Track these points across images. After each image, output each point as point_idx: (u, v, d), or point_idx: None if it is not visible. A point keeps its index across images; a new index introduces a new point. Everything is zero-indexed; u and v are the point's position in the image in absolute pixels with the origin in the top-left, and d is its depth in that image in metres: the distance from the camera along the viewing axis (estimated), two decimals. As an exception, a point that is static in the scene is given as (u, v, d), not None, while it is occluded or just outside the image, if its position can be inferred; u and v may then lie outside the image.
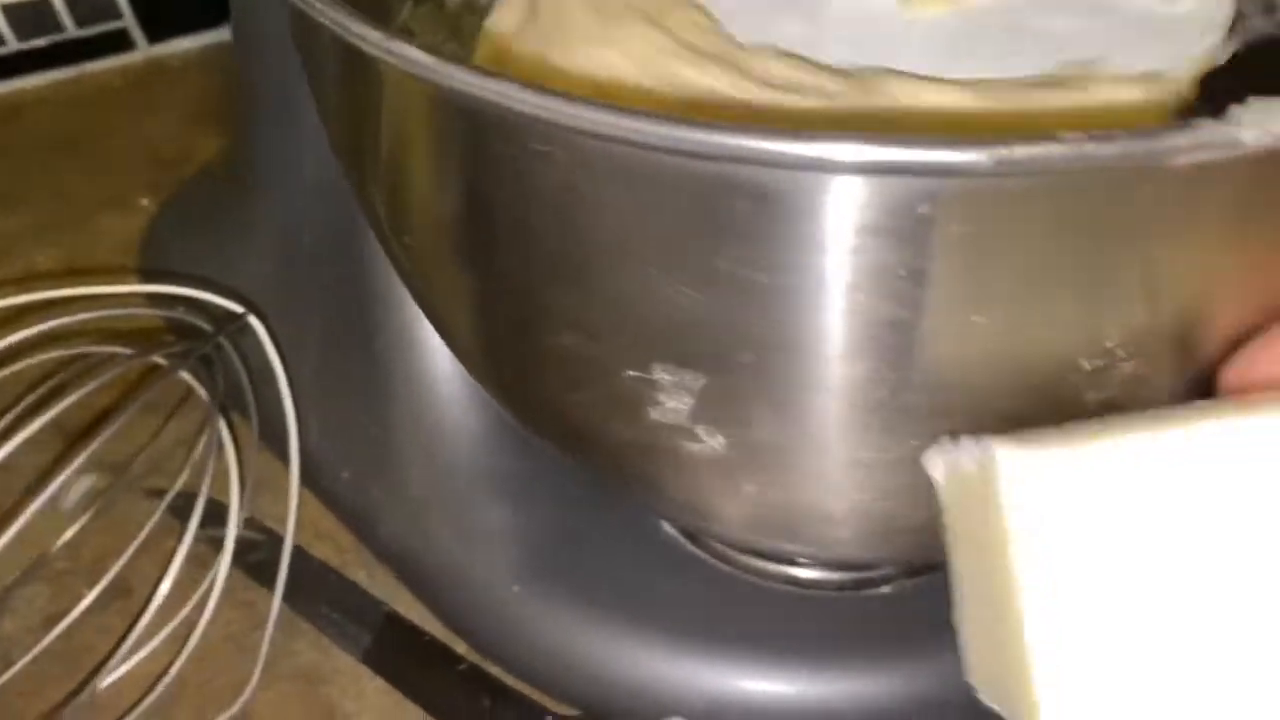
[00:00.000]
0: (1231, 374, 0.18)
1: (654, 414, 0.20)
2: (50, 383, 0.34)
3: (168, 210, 0.47)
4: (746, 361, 0.18)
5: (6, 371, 0.31)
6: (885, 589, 0.34)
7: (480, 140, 0.17)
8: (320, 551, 0.38)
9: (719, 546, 0.34)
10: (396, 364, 0.36)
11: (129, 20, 0.59)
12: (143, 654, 0.34)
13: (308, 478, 0.38)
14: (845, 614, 0.34)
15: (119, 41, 0.59)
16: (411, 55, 0.16)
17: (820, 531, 0.23)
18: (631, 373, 0.19)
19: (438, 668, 0.34)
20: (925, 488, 0.20)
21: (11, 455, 0.30)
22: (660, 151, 0.15)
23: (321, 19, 0.17)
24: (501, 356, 0.23)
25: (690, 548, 0.34)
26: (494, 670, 0.34)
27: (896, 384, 0.18)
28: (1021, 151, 0.14)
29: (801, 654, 0.32)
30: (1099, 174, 0.14)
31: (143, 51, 0.60)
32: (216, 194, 0.45)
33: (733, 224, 0.16)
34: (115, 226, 0.51)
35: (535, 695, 0.33)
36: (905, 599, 0.34)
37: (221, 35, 0.61)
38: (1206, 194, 0.15)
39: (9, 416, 0.32)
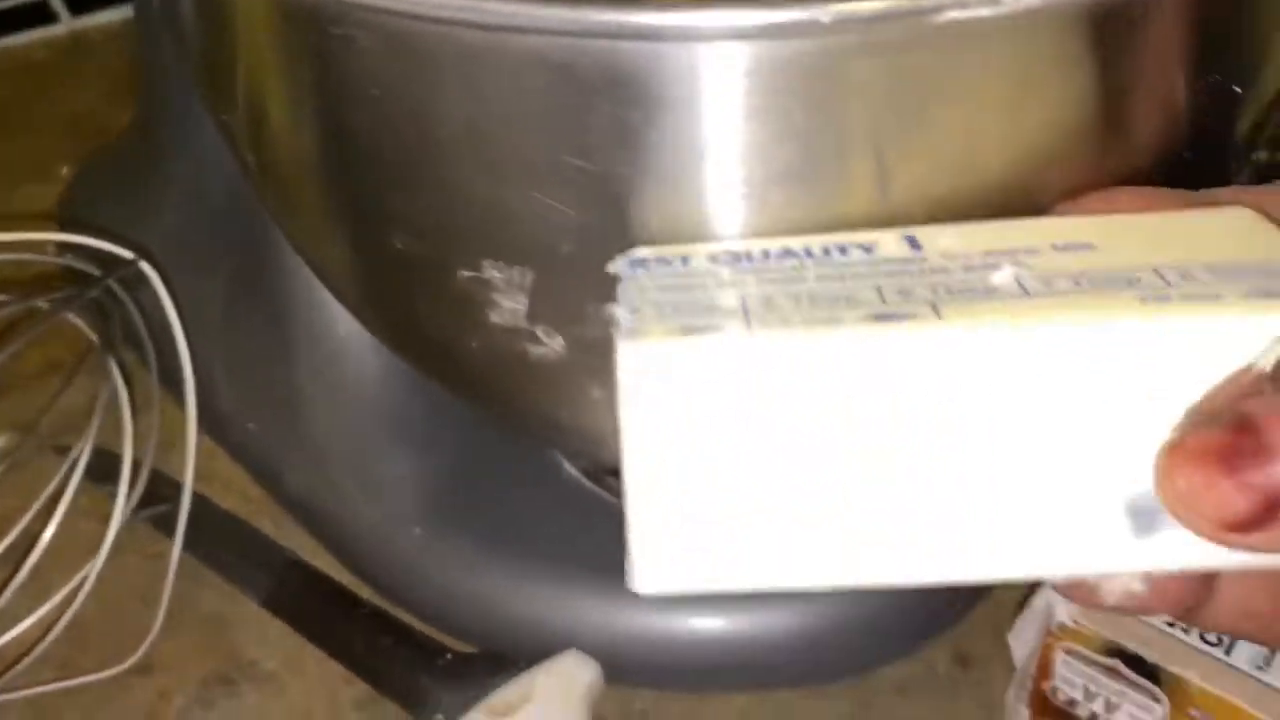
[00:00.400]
0: None
1: (494, 316, 0.20)
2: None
3: (82, 174, 0.47)
4: (569, 253, 0.18)
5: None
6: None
7: (293, 36, 0.18)
8: (228, 503, 0.38)
9: (617, 483, 0.34)
10: (298, 317, 0.36)
11: (52, -7, 0.59)
12: (47, 606, 0.34)
13: (216, 431, 0.39)
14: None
15: (42, 14, 0.59)
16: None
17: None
18: (465, 273, 0.19)
19: (340, 611, 0.34)
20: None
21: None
22: (454, 25, 0.15)
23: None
24: (358, 273, 0.23)
25: (590, 486, 0.34)
26: (396, 613, 0.34)
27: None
28: (786, 15, 0.14)
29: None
30: (874, 36, 0.15)
31: (66, 24, 0.59)
32: (129, 158, 0.45)
33: (540, 106, 0.17)
34: (36, 194, 0.50)
35: (436, 635, 0.34)
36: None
37: (146, 8, 0.61)
38: (975, 55, 0.15)
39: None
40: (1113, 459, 0.13)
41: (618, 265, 0.16)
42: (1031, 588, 0.27)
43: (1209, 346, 0.13)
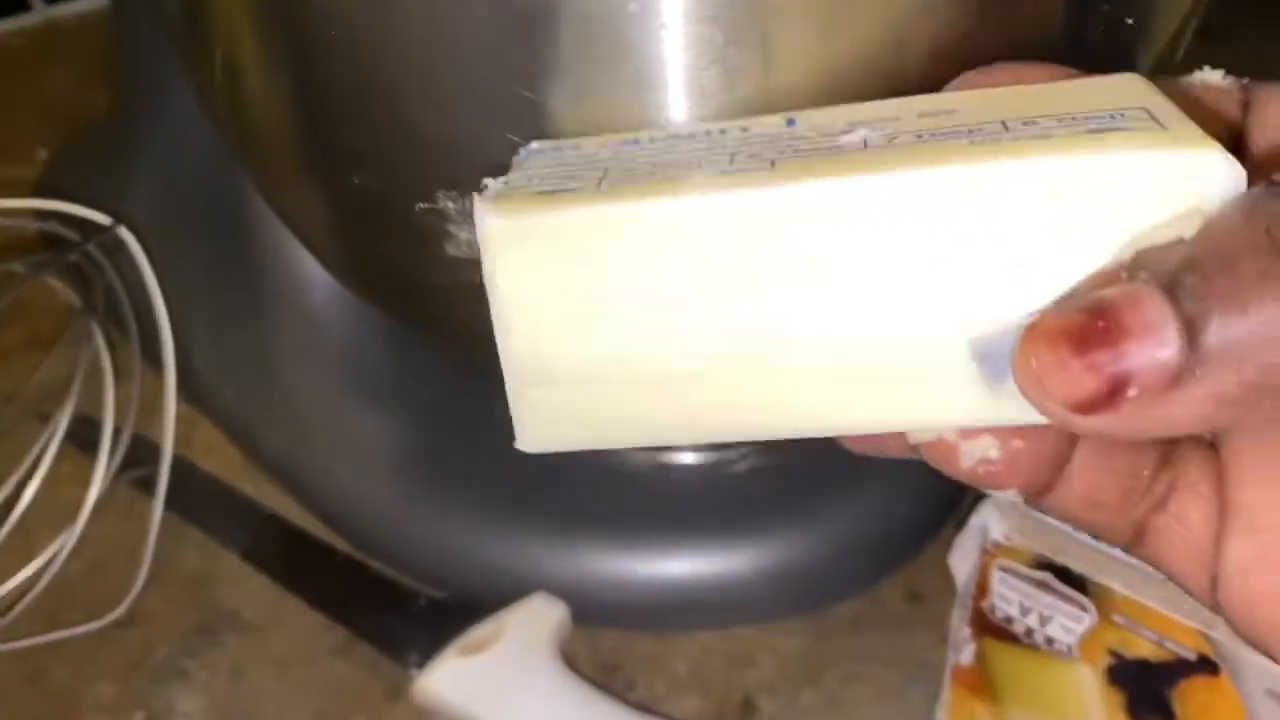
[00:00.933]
0: None
1: (450, 248, 0.21)
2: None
3: (60, 153, 0.48)
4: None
5: None
6: (741, 467, 0.36)
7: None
8: (210, 466, 0.39)
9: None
10: (271, 281, 0.37)
11: (26, -18, 0.60)
12: (32, 566, 0.36)
13: (195, 397, 0.40)
14: (704, 493, 0.35)
15: (16, 3, 0.60)
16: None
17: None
18: (421, 204, 0.21)
19: (317, 562, 0.35)
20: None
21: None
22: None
23: None
24: (326, 221, 0.25)
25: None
26: (372, 563, 0.36)
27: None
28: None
29: (661, 532, 0.34)
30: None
31: (40, 12, 0.60)
32: (107, 135, 0.46)
33: (488, 36, 0.18)
34: (12, 176, 0.51)
35: (411, 583, 0.35)
36: (760, 476, 0.35)
37: (119, -3, 0.62)
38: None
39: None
40: (953, 305, 0.13)
41: (518, 154, 0.16)
42: (969, 508, 0.29)
43: (1036, 186, 0.13)
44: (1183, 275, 0.12)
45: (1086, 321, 0.12)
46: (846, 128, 0.15)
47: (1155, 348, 0.12)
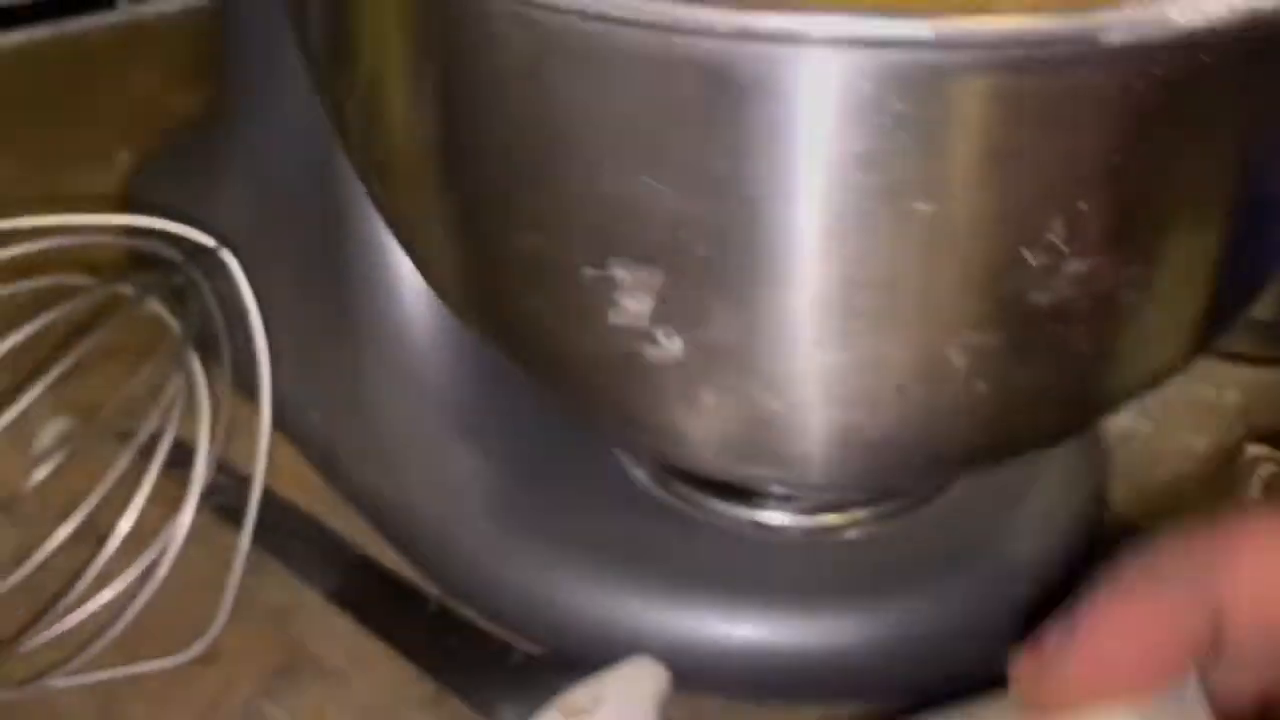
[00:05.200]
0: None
1: (613, 317, 0.20)
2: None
3: (147, 161, 0.48)
4: (704, 256, 0.18)
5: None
6: (851, 535, 0.34)
7: (445, 27, 0.17)
8: (291, 493, 0.38)
9: (685, 490, 0.34)
10: (368, 305, 0.36)
11: (111, -22, 0.59)
12: (109, 593, 0.34)
13: (278, 419, 0.38)
14: (811, 559, 0.34)
15: (100, 0, 0.59)
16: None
17: (783, 449, 0.23)
18: (590, 271, 0.19)
19: (406, 607, 0.34)
20: (888, 395, 0.20)
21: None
22: (613, 23, 0.15)
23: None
24: (470, 270, 0.23)
25: (657, 491, 0.34)
26: (463, 610, 0.34)
27: (846, 279, 0.18)
28: (961, 26, 0.14)
29: (766, 598, 0.33)
30: (1037, 52, 0.15)
31: (124, 10, 0.60)
32: (197, 142, 0.45)
33: (687, 109, 0.16)
34: (93, 180, 0.51)
35: (504, 634, 0.33)
36: (871, 545, 0.34)
37: (201, -4, 0.61)
38: (1141, 76, 0.15)
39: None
40: None
41: None
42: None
43: None
44: None
45: None
46: None
47: None
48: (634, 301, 0.19)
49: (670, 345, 0.20)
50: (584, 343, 0.21)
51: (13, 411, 0.28)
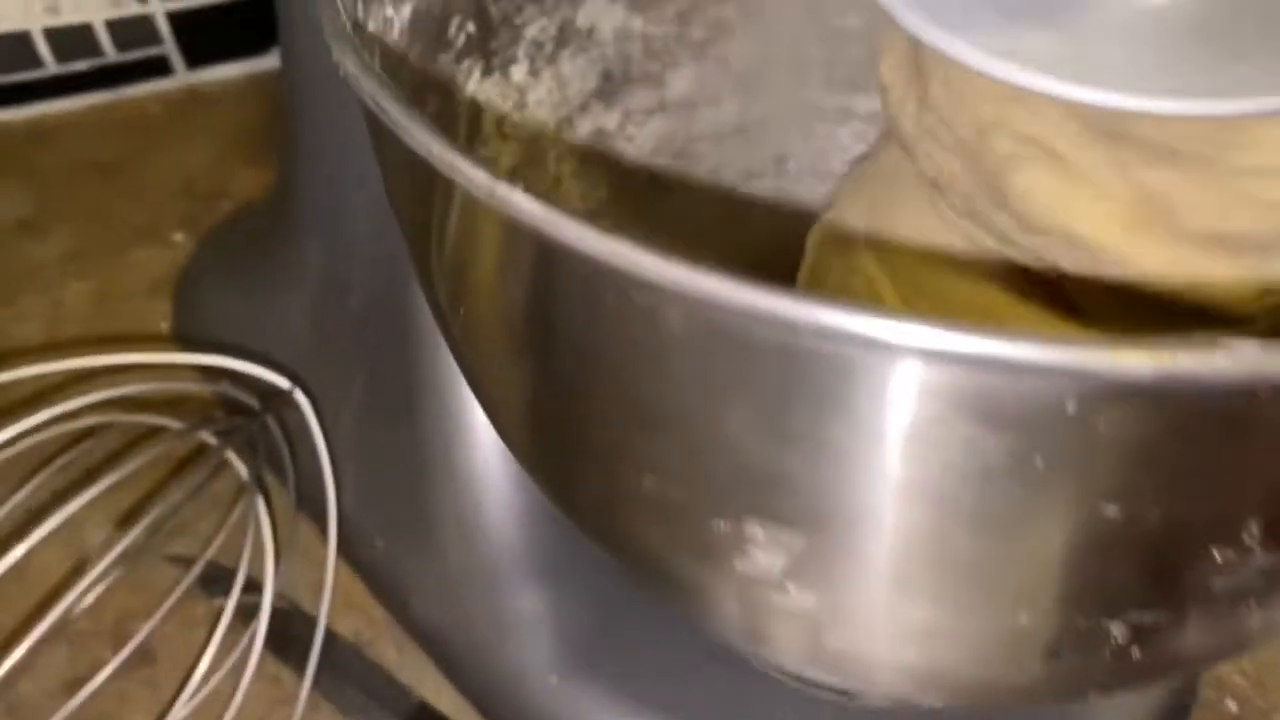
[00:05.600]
0: None
1: (740, 565, 0.19)
2: (83, 444, 0.33)
3: (204, 251, 0.46)
4: (845, 525, 0.17)
5: (44, 436, 0.29)
6: (934, 703, 0.32)
7: (572, 284, 0.16)
8: (350, 623, 0.36)
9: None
10: (438, 435, 0.35)
11: (169, 46, 0.58)
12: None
13: (343, 544, 0.37)
14: (895, 725, 0.32)
15: (158, 67, 0.58)
16: (523, 205, 0.14)
17: (889, 681, 0.22)
18: (722, 523, 0.18)
19: (468, 758, 0.33)
20: (1034, 662, 0.19)
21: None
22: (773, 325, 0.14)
23: (423, 152, 0.15)
24: (557, 459, 0.22)
25: (735, 649, 0.33)
26: (527, 764, 0.33)
27: (1006, 564, 0.17)
28: (1186, 361, 0.13)
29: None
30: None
31: (182, 77, 0.59)
32: (257, 238, 0.44)
33: (834, 397, 0.15)
34: (147, 260, 0.50)
35: (569, 793, 0.32)
36: (957, 715, 0.32)
37: (262, 64, 0.60)
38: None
39: (43, 474, 0.31)
40: None
41: None
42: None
43: None
44: None
45: None
46: None
47: None
48: (768, 556, 0.18)
49: (801, 598, 0.19)
50: (702, 574, 0.20)
51: (59, 517, 0.27)
